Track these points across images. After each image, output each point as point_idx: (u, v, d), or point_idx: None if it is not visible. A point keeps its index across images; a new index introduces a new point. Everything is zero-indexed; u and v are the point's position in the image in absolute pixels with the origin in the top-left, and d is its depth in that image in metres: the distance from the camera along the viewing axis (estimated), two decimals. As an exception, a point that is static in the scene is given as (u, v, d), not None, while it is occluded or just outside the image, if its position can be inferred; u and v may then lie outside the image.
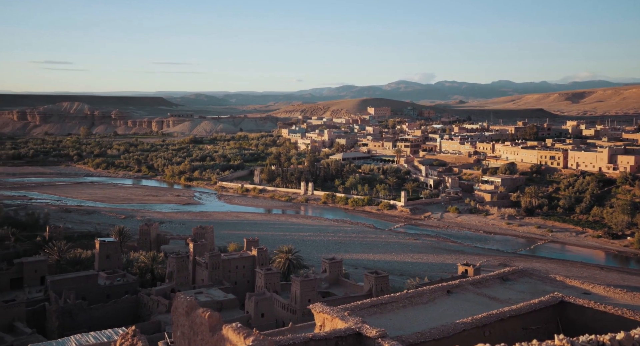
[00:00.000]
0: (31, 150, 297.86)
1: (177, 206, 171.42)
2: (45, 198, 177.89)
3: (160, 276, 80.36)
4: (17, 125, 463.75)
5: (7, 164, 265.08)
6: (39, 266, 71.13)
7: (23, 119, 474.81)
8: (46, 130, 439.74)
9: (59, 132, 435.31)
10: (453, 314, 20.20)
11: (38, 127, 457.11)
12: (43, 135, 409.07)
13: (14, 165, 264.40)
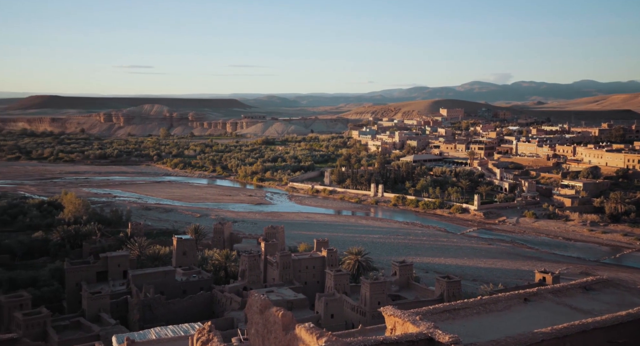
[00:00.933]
0: (115, 150, 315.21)
1: (249, 206, 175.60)
2: (127, 196, 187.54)
3: (233, 274, 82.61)
4: (103, 126, 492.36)
5: (94, 163, 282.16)
6: (122, 261, 75.07)
7: (109, 121, 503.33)
8: (129, 131, 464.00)
9: (141, 133, 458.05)
10: (531, 323, 19.41)
11: (122, 129, 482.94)
12: (126, 136, 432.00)
13: (100, 164, 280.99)
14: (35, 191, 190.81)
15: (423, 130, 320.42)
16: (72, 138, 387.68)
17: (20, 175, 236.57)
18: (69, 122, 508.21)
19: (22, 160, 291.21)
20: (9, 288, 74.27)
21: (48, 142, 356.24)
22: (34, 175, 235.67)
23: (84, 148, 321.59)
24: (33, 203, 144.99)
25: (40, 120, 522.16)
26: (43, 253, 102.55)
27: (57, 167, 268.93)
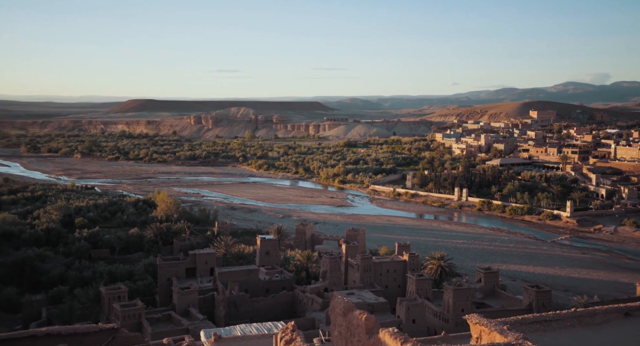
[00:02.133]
0: (204, 151, 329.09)
1: (330, 208, 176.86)
2: (214, 196, 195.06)
3: (315, 275, 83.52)
4: (193, 128, 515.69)
5: (184, 164, 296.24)
6: (209, 259, 78.15)
7: (198, 123, 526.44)
8: (217, 133, 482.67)
9: (228, 135, 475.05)
10: (632, 340, 18.06)
11: (210, 131, 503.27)
12: (214, 138, 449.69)
13: (190, 165, 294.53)
14: (131, 190, 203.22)
15: (511, 133, 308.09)
16: (165, 140, 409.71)
17: (119, 174, 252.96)
18: (163, 125, 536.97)
19: (121, 160, 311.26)
20: (108, 280, 79.58)
21: (144, 144, 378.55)
22: (131, 175, 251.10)
23: (175, 150, 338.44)
24: (130, 201, 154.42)
25: (137, 122, 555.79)
26: (138, 249, 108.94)
27: (151, 167, 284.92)
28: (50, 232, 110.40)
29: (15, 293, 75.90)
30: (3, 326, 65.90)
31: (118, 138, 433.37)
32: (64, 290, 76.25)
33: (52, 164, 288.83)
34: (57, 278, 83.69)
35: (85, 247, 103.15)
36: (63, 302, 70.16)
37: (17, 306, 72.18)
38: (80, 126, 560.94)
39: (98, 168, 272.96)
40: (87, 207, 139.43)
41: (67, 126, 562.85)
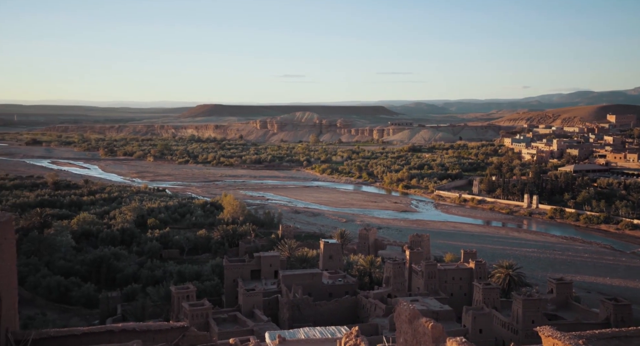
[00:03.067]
0: (269, 155, 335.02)
1: (394, 213, 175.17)
2: (279, 200, 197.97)
3: (378, 280, 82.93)
4: (259, 133, 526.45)
5: (250, 168, 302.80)
6: (273, 261, 79.30)
7: (264, 128, 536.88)
8: (282, 138, 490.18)
9: (292, 139, 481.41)
10: None
11: (275, 135, 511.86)
12: (279, 142, 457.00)
13: (255, 168, 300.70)
14: (200, 192, 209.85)
15: (586, 138, 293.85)
16: (231, 144, 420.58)
17: (189, 177, 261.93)
18: (230, 129, 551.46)
19: (190, 163, 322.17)
20: (178, 280, 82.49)
21: (212, 148, 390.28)
22: (199, 178, 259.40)
23: (241, 154, 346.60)
24: (198, 203, 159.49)
25: (206, 127, 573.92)
26: (205, 250, 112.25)
27: (218, 170, 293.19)
28: (125, 231, 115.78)
29: (93, 289, 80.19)
30: (82, 321, 69.76)
31: (188, 142, 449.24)
32: (137, 288, 79.74)
33: (127, 167, 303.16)
34: (131, 276, 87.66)
35: (157, 246, 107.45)
36: (136, 300, 73.35)
37: (94, 302, 76.21)
38: (153, 130, 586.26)
39: (169, 171, 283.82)
40: (159, 209, 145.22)
41: (141, 130, 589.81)
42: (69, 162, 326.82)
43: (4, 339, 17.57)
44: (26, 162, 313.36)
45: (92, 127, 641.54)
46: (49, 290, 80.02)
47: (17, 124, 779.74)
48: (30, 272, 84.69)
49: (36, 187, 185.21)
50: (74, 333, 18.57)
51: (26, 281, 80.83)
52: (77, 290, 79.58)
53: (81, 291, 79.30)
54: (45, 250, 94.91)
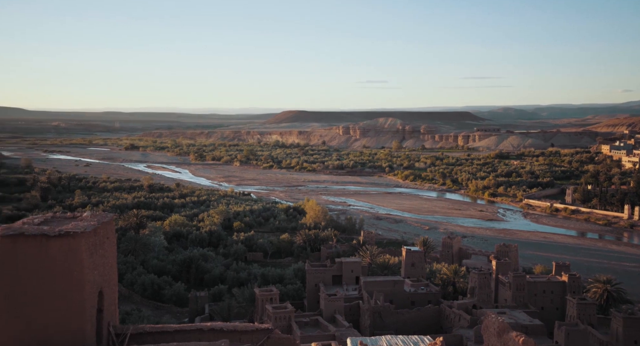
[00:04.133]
0: (351, 161, 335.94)
1: (479, 221, 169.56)
2: (360, 205, 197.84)
3: (462, 290, 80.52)
4: (342, 138, 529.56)
5: (332, 173, 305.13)
6: (354, 267, 79.25)
7: (346, 133, 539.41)
8: (364, 144, 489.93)
9: (374, 145, 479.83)
10: None
11: (358, 141, 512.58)
12: (361, 148, 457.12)
13: (337, 174, 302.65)
14: (283, 197, 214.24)
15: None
16: (314, 150, 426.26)
17: (272, 182, 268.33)
18: (313, 135, 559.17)
19: (274, 168, 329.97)
20: (261, 282, 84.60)
21: (295, 153, 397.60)
22: (282, 183, 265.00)
23: (324, 159, 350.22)
24: (281, 208, 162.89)
25: (290, 133, 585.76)
26: (288, 254, 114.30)
27: (301, 175, 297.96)
28: (213, 234, 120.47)
29: (183, 288, 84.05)
30: (173, 318, 73.33)
31: (272, 147, 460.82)
32: (224, 289, 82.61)
33: (215, 171, 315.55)
34: (218, 277, 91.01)
35: (242, 249, 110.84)
36: (223, 300, 75.98)
37: (184, 301, 79.83)
38: (240, 136, 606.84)
39: (254, 176, 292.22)
40: (244, 212, 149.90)
41: (228, 136, 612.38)
42: (163, 166, 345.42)
43: (106, 332, 18.78)
44: (125, 166, 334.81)
45: (183, 133, 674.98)
46: (143, 288, 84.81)
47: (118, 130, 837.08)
48: (127, 270, 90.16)
49: (133, 190, 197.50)
50: (167, 330, 19.48)
51: (124, 279, 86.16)
52: (169, 289, 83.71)
53: (172, 290, 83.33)
54: (141, 250, 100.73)
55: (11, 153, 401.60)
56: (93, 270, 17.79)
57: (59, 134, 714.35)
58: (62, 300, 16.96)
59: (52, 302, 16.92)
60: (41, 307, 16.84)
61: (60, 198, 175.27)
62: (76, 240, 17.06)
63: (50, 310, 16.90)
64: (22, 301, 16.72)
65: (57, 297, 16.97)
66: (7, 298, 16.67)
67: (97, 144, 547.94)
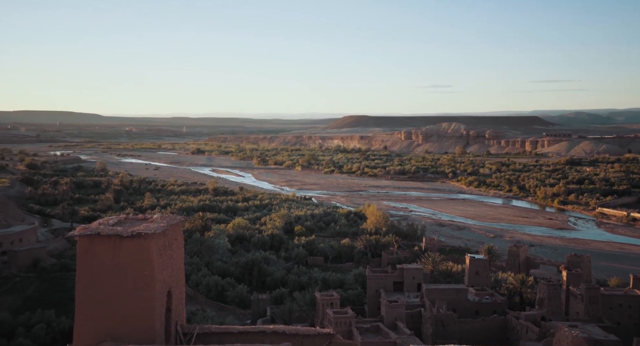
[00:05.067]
0: (413, 166, 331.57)
1: (548, 230, 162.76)
2: (422, 212, 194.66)
3: (529, 301, 77.53)
4: (403, 144, 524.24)
5: (394, 178, 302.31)
6: (416, 274, 78.04)
7: (408, 138, 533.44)
8: (426, 149, 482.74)
9: (437, 150, 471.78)
10: None
11: (420, 146, 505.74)
12: (424, 153, 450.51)
13: (399, 179, 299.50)
14: (344, 201, 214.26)
15: None
16: (376, 155, 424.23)
17: (333, 186, 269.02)
18: (374, 140, 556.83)
19: (336, 173, 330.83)
20: (322, 286, 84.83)
21: (356, 158, 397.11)
22: (343, 187, 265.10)
23: (385, 164, 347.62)
24: (342, 212, 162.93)
25: (351, 137, 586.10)
26: (349, 259, 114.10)
27: (362, 180, 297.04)
28: (274, 237, 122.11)
29: (246, 291, 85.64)
30: (236, 320, 74.81)
31: (333, 152, 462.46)
32: (285, 292, 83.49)
33: (277, 175, 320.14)
34: (279, 280, 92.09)
35: (303, 253, 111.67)
36: (284, 303, 76.78)
37: (247, 303, 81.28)
38: (301, 141, 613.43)
39: (315, 181, 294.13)
40: (305, 216, 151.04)
41: (290, 141, 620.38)
42: (227, 170, 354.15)
43: (173, 331, 19.35)
44: (191, 170, 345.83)
45: (247, 138, 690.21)
46: (208, 289, 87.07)
47: (185, 135, 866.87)
48: (193, 271, 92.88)
49: (199, 193, 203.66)
50: (232, 331, 19.83)
51: (189, 279, 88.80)
52: (232, 290, 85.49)
53: (235, 291, 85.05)
54: (206, 251, 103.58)
55: (88, 156, 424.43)
56: (162, 270, 18.38)
57: (131, 139, 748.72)
58: (133, 299, 17.61)
59: (124, 300, 17.61)
60: (114, 304, 17.56)
61: (132, 200, 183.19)
62: (147, 240, 17.68)
63: (122, 307, 17.59)
64: (97, 299, 17.50)
65: (129, 295, 17.64)
66: (85, 295, 17.52)
67: (165, 148, 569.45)
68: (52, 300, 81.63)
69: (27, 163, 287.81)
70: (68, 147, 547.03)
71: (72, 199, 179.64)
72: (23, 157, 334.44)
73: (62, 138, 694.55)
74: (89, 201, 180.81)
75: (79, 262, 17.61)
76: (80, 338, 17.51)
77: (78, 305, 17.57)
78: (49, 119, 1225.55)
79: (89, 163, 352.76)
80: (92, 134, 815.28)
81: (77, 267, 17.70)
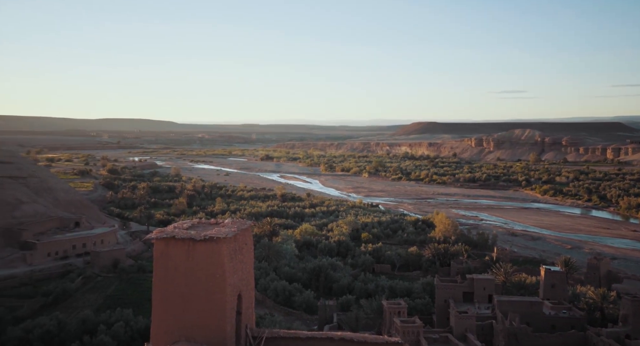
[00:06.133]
0: (484, 174, 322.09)
1: (632, 242, 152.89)
2: (494, 221, 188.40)
3: (612, 317, 73.03)
4: (474, 151, 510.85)
5: (463, 186, 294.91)
6: (487, 285, 75.45)
7: (479, 145, 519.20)
8: (498, 156, 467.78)
9: (510, 157, 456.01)
10: None
11: (491, 153, 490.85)
12: (495, 161, 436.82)
13: (469, 187, 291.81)
14: (411, 209, 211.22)
15: None
16: (445, 162, 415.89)
17: (401, 193, 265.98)
18: (443, 147, 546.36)
19: (403, 180, 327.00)
20: (389, 295, 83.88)
21: (424, 165, 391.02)
22: (411, 195, 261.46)
23: (455, 172, 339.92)
24: (410, 220, 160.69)
25: (419, 144, 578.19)
26: (416, 267, 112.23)
27: (430, 188, 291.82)
28: (341, 244, 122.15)
29: (312, 296, 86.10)
30: (304, 325, 75.32)
31: (401, 159, 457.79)
32: (352, 299, 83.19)
33: (344, 182, 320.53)
34: (346, 286, 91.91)
35: (370, 260, 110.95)
36: (351, 310, 76.50)
37: (313, 308, 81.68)
38: (369, 148, 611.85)
39: (382, 187, 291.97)
40: (372, 224, 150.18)
41: (358, 148, 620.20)
42: (294, 176, 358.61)
43: (243, 333, 19.73)
44: (260, 176, 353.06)
45: (314, 144, 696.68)
46: (276, 293, 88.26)
47: (255, 142, 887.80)
48: (261, 275, 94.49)
49: (267, 199, 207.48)
50: (299, 336, 19.96)
51: (257, 284, 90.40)
52: (299, 296, 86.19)
53: (302, 297, 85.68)
54: (274, 256, 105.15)
55: (163, 162, 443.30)
56: (233, 274, 18.79)
57: (203, 145, 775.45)
58: (206, 301, 18.11)
59: (197, 302, 18.15)
60: (188, 306, 18.14)
61: (204, 205, 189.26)
62: (219, 245, 18.17)
63: (195, 309, 18.13)
64: (172, 300, 18.15)
65: (201, 297, 18.16)
66: (161, 295, 18.22)
67: (235, 155, 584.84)
68: (130, 300, 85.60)
69: (109, 169, 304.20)
70: (145, 153, 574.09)
71: (148, 203, 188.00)
72: (105, 163, 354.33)
73: (140, 145, 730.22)
74: (164, 205, 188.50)
75: (155, 264, 18.34)
76: (156, 337, 18.20)
77: (155, 305, 18.29)
78: (129, 126, 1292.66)
79: (164, 168, 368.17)
80: (168, 141, 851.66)
81: (154, 269, 18.45)
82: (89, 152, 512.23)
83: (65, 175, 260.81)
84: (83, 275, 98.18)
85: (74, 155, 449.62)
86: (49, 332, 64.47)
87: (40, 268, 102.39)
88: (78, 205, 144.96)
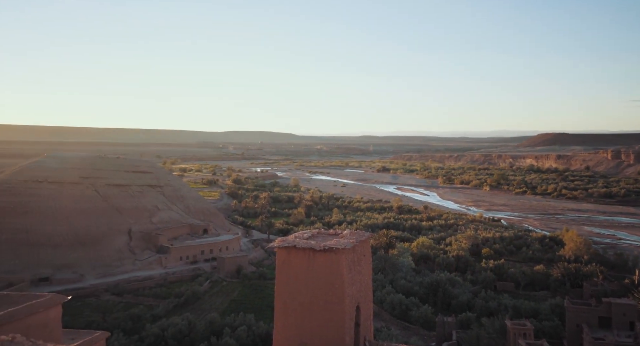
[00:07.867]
0: (623, 189, 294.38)
1: None
2: (634, 240, 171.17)
3: None
4: (610, 164, 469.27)
5: (598, 202, 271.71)
6: (628, 310, 68.35)
7: (617, 158, 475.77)
8: (639, 170, 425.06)
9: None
10: None
11: (631, 166, 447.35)
12: (636, 175, 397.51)
13: (604, 203, 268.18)
14: (537, 225, 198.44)
15: None
16: (576, 175, 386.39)
17: (525, 208, 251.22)
18: (574, 159, 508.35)
19: (528, 194, 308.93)
20: (513, 314, 79.22)
21: (552, 179, 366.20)
22: (537, 210, 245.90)
23: (587, 186, 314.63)
24: (535, 236, 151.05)
25: (547, 157, 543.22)
26: (543, 287, 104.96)
27: (559, 203, 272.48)
28: (460, 259, 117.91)
29: (430, 312, 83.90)
30: (421, 340, 73.59)
31: (526, 172, 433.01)
32: (472, 317, 79.78)
33: (463, 195, 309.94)
34: (465, 303, 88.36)
35: (491, 277, 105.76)
36: (471, 328, 73.37)
37: (431, 324, 79.50)
38: (490, 160, 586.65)
39: (505, 201, 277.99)
40: (493, 239, 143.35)
41: (478, 160, 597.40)
42: (411, 188, 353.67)
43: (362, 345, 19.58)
44: (376, 188, 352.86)
45: (432, 156, 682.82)
46: (392, 306, 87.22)
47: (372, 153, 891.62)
48: (377, 288, 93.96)
49: (383, 210, 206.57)
50: (419, 353, 19.37)
51: (374, 296, 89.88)
52: (416, 310, 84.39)
53: (419, 311, 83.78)
54: (390, 269, 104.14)
55: (283, 173, 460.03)
56: (352, 285, 18.78)
57: (321, 157, 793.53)
58: (325, 311, 18.26)
59: (316, 311, 18.37)
60: (308, 314, 18.41)
61: (321, 215, 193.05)
62: (338, 255, 18.27)
63: (315, 318, 18.34)
64: (293, 307, 18.54)
65: (321, 307, 18.34)
66: (283, 303, 18.70)
67: (352, 166, 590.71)
68: (252, 305, 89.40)
69: (233, 179, 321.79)
70: (267, 164, 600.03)
71: (269, 212, 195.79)
72: (230, 173, 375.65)
73: (262, 156, 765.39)
74: (284, 215, 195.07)
75: (278, 271, 18.88)
76: (278, 343, 18.68)
77: (277, 313, 18.80)
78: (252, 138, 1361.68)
79: (284, 179, 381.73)
80: (287, 152, 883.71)
81: (276, 276, 19.00)
82: (216, 163, 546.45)
83: (195, 184, 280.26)
84: (210, 279, 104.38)
85: (203, 166, 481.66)
86: (181, 331, 69.26)
87: (173, 271, 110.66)
88: (206, 213, 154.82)
